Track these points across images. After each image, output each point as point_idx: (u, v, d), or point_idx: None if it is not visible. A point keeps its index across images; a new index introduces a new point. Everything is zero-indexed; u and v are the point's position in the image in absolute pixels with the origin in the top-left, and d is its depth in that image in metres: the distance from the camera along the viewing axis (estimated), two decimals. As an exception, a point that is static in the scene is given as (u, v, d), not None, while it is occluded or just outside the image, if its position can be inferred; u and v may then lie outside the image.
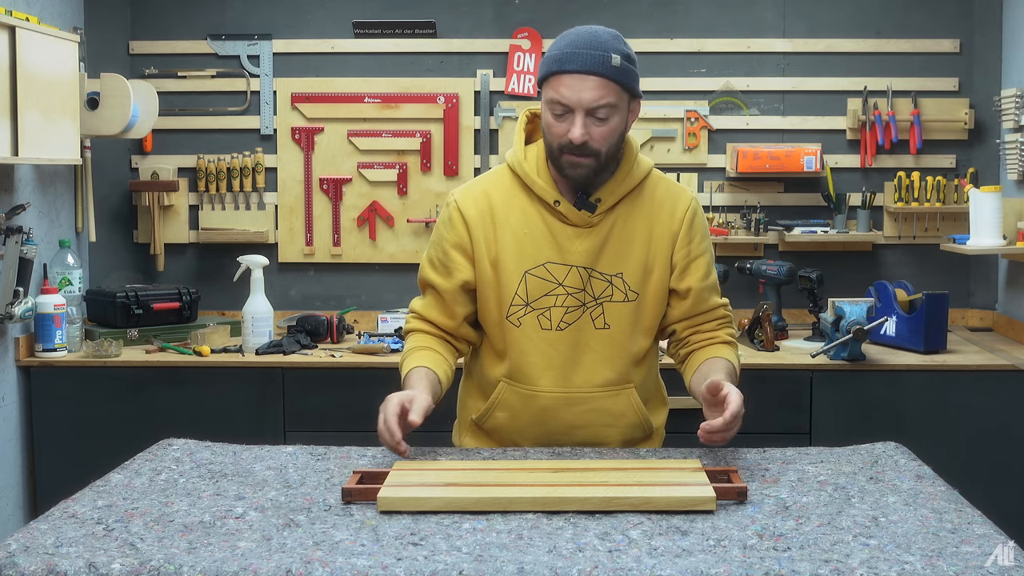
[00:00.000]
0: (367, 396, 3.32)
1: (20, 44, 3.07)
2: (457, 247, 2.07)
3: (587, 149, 1.93)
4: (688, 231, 2.07)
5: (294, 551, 1.47)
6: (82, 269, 3.66)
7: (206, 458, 1.96)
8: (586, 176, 1.97)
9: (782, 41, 3.84)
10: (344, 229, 3.90)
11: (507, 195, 2.06)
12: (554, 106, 1.94)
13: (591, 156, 1.95)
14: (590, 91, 1.91)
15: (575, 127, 1.92)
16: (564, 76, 1.91)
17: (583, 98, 1.91)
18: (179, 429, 2.25)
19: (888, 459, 1.93)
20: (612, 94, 1.92)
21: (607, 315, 2.03)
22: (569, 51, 1.93)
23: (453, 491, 1.66)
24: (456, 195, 2.10)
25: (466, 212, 2.06)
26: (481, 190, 2.09)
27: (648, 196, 2.06)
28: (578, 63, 1.91)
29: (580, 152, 1.94)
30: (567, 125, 1.93)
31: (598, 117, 1.93)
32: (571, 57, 1.92)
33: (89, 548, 1.49)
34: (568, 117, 1.93)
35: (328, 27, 3.89)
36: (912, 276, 3.77)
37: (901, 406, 3.25)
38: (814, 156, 3.74)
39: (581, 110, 1.91)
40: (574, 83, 1.91)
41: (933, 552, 1.46)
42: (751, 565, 1.41)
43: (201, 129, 3.92)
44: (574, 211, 2.01)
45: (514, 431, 2.11)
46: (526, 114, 2.12)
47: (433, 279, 2.09)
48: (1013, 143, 3.53)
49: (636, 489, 1.66)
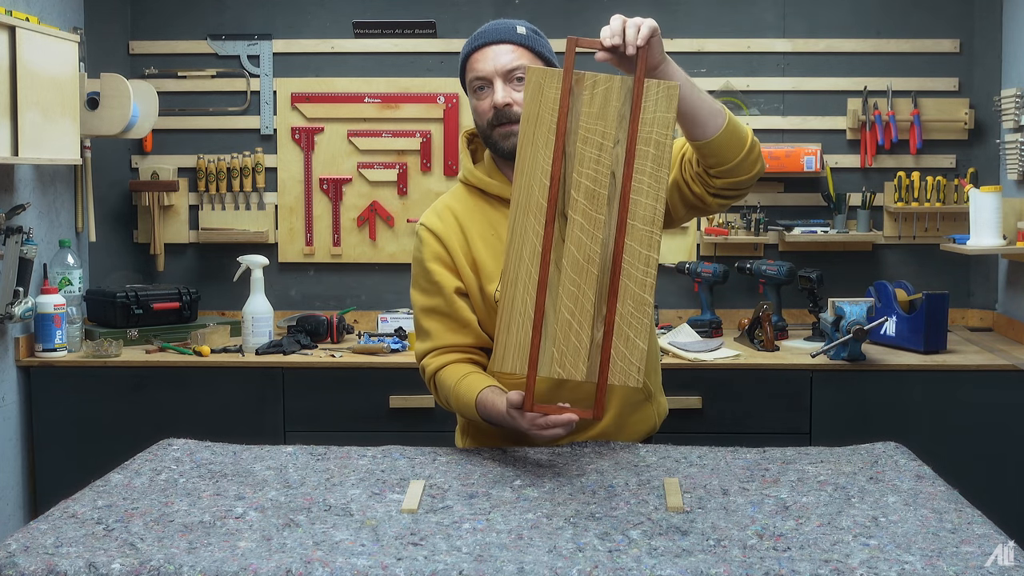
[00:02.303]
0: (367, 396, 3.36)
1: (20, 44, 3.07)
2: (436, 259, 2.09)
3: (513, 114, 1.99)
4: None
5: (294, 551, 1.47)
6: (82, 269, 3.66)
7: (206, 458, 1.96)
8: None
9: (782, 41, 3.84)
10: (344, 229, 3.90)
11: (468, 206, 2.11)
12: (474, 84, 2.04)
13: (518, 122, 1.97)
14: (502, 56, 2.02)
15: (496, 92, 2.01)
16: (476, 53, 2.04)
17: (498, 63, 2.01)
18: (179, 429, 2.25)
19: (888, 459, 1.93)
20: (524, 58, 2.02)
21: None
22: (477, 33, 2.07)
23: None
24: (421, 219, 2.15)
25: (434, 227, 2.11)
26: (444, 206, 2.14)
27: None
28: (485, 37, 2.05)
29: (508, 118, 2.00)
30: (490, 97, 2.02)
31: (518, 79, 2.01)
32: (478, 35, 2.07)
33: (89, 548, 1.49)
34: (489, 90, 2.02)
35: (328, 27, 3.89)
36: (912, 276, 3.77)
37: (901, 406, 3.25)
38: (814, 156, 3.74)
39: (498, 77, 2.01)
40: (485, 54, 2.03)
41: (933, 552, 1.46)
42: (751, 565, 1.41)
43: (201, 129, 3.92)
44: None
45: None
46: (466, 134, 2.21)
47: (429, 303, 2.09)
48: (1013, 143, 3.53)
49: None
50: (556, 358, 1.73)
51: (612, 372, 1.72)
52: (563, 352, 1.73)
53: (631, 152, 1.71)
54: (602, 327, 1.71)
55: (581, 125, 1.72)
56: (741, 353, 3.38)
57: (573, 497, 1.72)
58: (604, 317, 1.71)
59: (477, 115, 2.06)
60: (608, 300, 1.71)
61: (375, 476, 1.84)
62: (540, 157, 1.73)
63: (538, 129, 1.73)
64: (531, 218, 1.73)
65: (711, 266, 3.65)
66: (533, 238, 1.73)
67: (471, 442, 2.18)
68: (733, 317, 3.80)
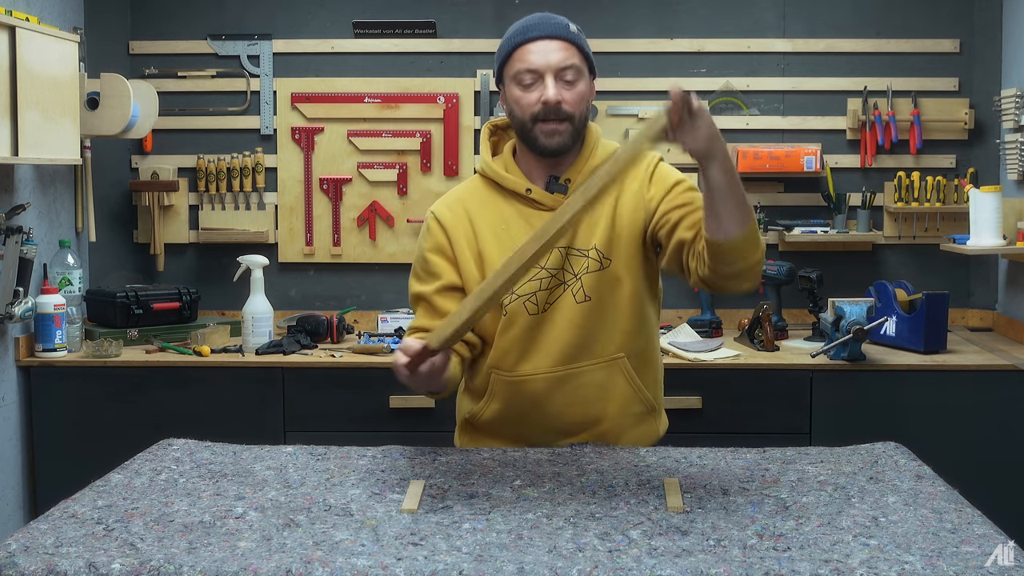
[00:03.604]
0: (367, 396, 3.36)
1: (20, 44, 3.08)
2: (435, 250, 2.10)
3: (562, 112, 1.98)
4: (651, 179, 2.06)
5: (294, 551, 1.47)
6: (82, 269, 3.66)
7: (206, 458, 1.96)
8: (563, 144, 2.01)
9: (782, 41, 3.84)
10: (344, 229, 3.90)
11: (481, 198, 2.11)
12: (522, 76, 2.00)
13: (566, 120, 1.99)
14: (556, 52, 1.99)
15: (548, 88, 1.97)
16: (529, 44, 2.00)
17: (551, 60, 1.98)
18: (179, 429, 2.26)
19: (888, 459, 1.93)
20: (576, 57, 2.01)
21: (586, 287, 2.04)
22: (528, 24, 2.03)
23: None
24: (432, 207, 2.16)
25: (442, 217, 2.11)
26: (456, 198, 2.14)
27: None
28: (540, 30, 2.01)
29: (556, 116, 1.98)
30: (538, 91, 1.99)
31: (567, 80, 1.99)
32: (532, 27, 2.01)
33: (89, 548, 1.49)
34: (538, 84, 1.99)
35: (328, 27, 3.89)
36: (912, 276, 3.77)
37: (901, 406, 3.25)
38: (814, 156, 3.74)
39: (551, 72, 1.98)
40: (540, 47, 1.99)
41: (933, 552, 1.46)
42: (751, 565, 1.41)
43: (201, 129, 3.92)
44: (547, 195, 2.05)
45: (510, 421, 2.10)
46: (489, 126, 2.18)
47: (419, 289, 2.12)
48: (1013, 143, 3.53)
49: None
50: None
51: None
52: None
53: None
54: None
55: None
56: (741, 353, 3.38)
57: (573, 497, 1.72)
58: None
59: (519, 107, 2.01)
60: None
61: (375, 476, 1.84)
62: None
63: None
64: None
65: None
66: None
67: (469, 442, 2.18)
68: (733, 317, 3.80)
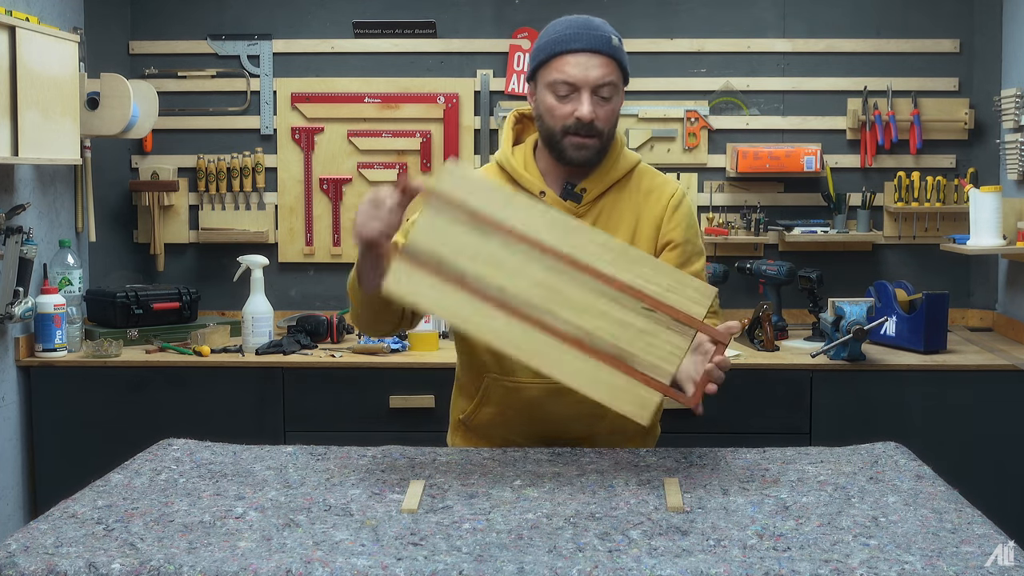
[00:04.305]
0: (367, 396, 3.36)
1: (20, 44, 3.07)
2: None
3: (593, 128, 1.96)
4: (671, 216, 2.05)
5: (294, 551, 1.47)
6: (82, 269, 3.66)
7: (206, 458, 1.96)
8: (589, 158, 1.99)
9: (782, 41, 3.84)
10: (344, 229, 3.90)
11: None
12: (558, 87, 1.95)
13: (596, 136, 1.97)
14: (597, 68, 1.94)
15: (583, 104, 1.94)
16: (569, 56, 1.94)
17: (590, 76, 1.94)
18: (179, 429, 2.25)
19: (888, 459, 1.93)
20: (614, 73, 1.97)
21: None
22: (571, 32, 1.95)
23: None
24: None
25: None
26: None
27: (635, 187, 2.07)
28: (583, 42, 1.94)
29: (587, 132, 1.96)
30: (572, 105, 1.95)
31: (602, 96, 1.96)
32: (575, 37, 1.95)
33: (89, 548, 1.49)
34: (573, 97, 1.95)
35: (328, 27, 3.89)
36: (912, 276, 3.77)
37: (901, 406, 3.25)
38: (814, 156, 3.74)
39: (588, 88, 1.94)
40: (581, 61, 1.94)
41: (933, 552, 1.46)
42: (751, 565, 1.41)
43: (201, 129, 3.92)
44: (560, 201, 2.02)
45: (503, 426, 2.10)
46: (514, 114, 2.14)
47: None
48: (1013, 143, 3.53)
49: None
50: (663, 352, 1.72)
51: (691, 310, 1.72)
52: (662, 349, 1.72)
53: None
54: (654, 308, 1.72)
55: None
56: (741, 353, 3.38)
57: (573, 497, 1.72)
58: (646, 307, 1.72)
59: (551, 116, 1.98)
60: (634, 295, 1.72)
61: (375, 476, 1.84)
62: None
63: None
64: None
65: (711, 266, 3.64)
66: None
67: (461, 442, 2.17)
68: (733, 317, 3.78)
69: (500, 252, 1.73)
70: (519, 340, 1.71)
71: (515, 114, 2.14)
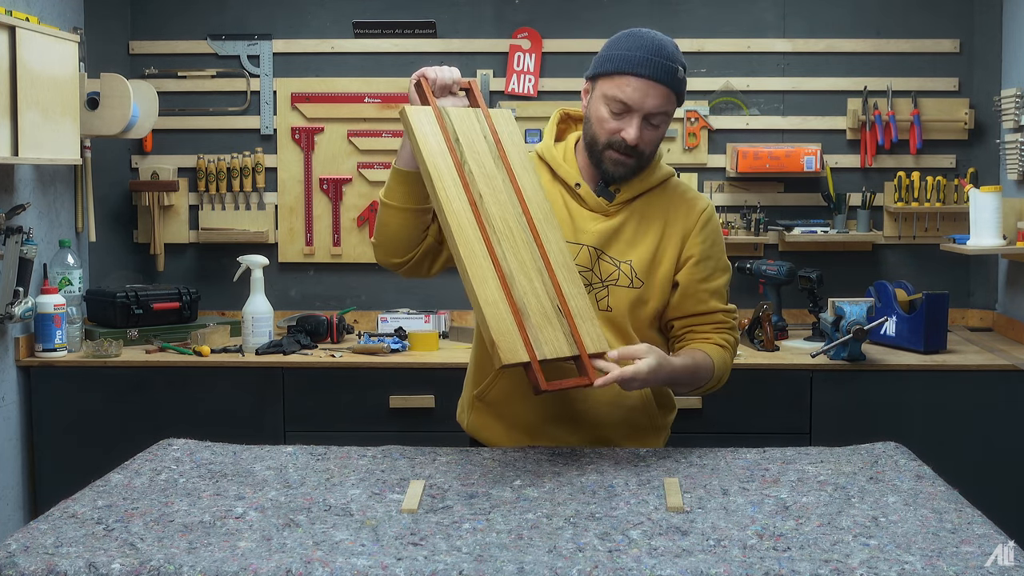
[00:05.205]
0: (367, 396, 3.36)
1: (20, 44, 3.07)
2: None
3: (635, 150, 2.01)
4: (700, 230, 2.10)
5: (294, 551, 1.47)
6: (82, 269, 3.66)
7: (206, 458, 1.96)
8: (624, 176, 2.05)
9: (782, 41, 3.84)
10: (344, 229, 3.90)
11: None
12: (613, 103, 1.99)
13: (635, 157, 2.02)
14: (655, 99, 1.98)
15: (631, 128, 1.98)
16: (632, 78, 1.97)
17: (647, 104, 1.98)
18: (179, 429, 2.26)
19: (888, 459, 1.93)
20: (671, 104, 2.01)
21: (611, 298, 2.06)
22: (641, 55, 1.97)
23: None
24: None
25: None
26: None
27: (667, 197, 2.12)
28: (651, 70, 1.97)
29: (628, 152, 2.01)
30: (622, 124, 1.99)
31: (652, 123, 2.00)
32: (644, 62, 1.97)
33: (89, 548, 1.49)
34: (626, 117, 1.99)
35: (328, 27, 3.89)
36: (912, 276, 3.77)
37: (901, 406, 3.25)
38: (814, 156, 3.74)
39: (641, 113, 1.98)
40: (642, 87, 1.97)
41: (933, 552, 1.46)
42: (751, 565, 1.41)
43: (201, 129, 3.92)
44: (592, 196, 2.08)
45: (519, 402, 2.09)
46: (560, 113, 2.20)
47: None
48: (1013, 143, 3.53)
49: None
50: (549, 344, 1.85)
51: (587, 343, 1.89)
52: (549, 339, 1.86)
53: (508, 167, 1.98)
54: (564, 315, 1.89)
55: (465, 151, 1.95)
56: (741, 353, 3.38)
57: (573, 497, 1.72)
58: (559, 307, 1.89)
59: (599, 126, 2.02)
60: (557, 294, 1.91)
61: (375, 476, 1.84)
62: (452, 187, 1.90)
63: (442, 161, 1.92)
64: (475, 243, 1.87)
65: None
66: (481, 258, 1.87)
67: (476, 418, 2.17)
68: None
69: (498, 178, 1.95)
70: (468, 234, 1.86)
71: (560, 112, 2.20)
